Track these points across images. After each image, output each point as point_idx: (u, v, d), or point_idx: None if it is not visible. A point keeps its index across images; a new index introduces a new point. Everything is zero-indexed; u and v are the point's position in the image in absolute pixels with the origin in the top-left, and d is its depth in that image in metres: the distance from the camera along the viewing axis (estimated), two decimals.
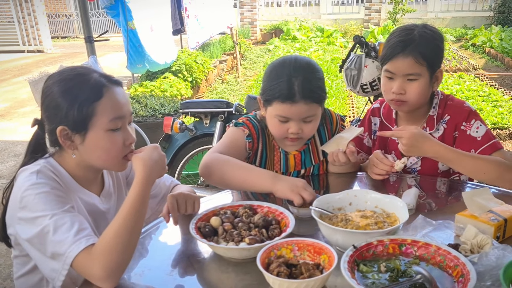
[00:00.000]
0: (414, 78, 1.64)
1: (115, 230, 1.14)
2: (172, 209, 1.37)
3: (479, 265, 1.06)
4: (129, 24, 5.07)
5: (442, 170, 1.74)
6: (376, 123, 1.91)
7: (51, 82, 1.28)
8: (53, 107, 1.26)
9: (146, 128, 3.73)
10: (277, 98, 1.56)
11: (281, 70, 1.57)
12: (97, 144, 1.27)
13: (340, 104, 6.25)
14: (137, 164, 1.25)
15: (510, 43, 9.67)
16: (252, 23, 13.05)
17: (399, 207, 1.28)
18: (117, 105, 1.28)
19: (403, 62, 1.62)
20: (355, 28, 13.00)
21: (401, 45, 1.62)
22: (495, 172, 1.53)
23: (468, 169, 1.56)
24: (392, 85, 1.67)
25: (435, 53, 1.65)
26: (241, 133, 1.68)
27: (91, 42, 4.15)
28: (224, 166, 1.56)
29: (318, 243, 1.14)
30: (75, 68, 1.32)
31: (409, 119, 1.79)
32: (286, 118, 1.58)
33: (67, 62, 10.09)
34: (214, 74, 8.02)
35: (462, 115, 1.70)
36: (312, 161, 1.78)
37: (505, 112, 5.64)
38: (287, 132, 1.60)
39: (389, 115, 1.85)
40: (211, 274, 1.21)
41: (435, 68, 1.66)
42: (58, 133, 1.26)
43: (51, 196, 1.19)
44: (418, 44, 1.61)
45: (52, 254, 1.14)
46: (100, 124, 1.26)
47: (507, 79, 7.73)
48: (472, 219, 1.25)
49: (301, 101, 1.54)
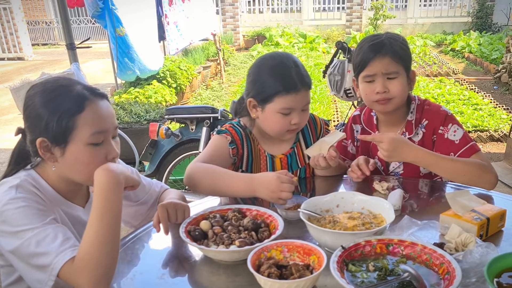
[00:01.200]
0: (393, 76, 1.69)
1: (92, 239, 1.12)
2: (162, 218, 1.36)
3: (464, 263, 1.09)
4: (117, 31, 5.04)
5: (424, 173, 1.78)
6: (358, 130, 1.95)
7: (33, 92, 1.26)
8: (33, 118, 1.24)
9: (131, 134, 3.72)
10: (280, 92, 1.59)
11: (277, 65, 1.61)
12: (77, 157, 1.24)
13: (324, 109, 6.32)
14: (96, 173, 1.21)
15: (488, 48, 9.90)
16: (234, 30, 13.09)
17: (385, 208, 1.31)
18: (99, 119, 1.25)
19: (381, 62, 1.68)
20: (337, 34, 13.15)
21: (375, 48, 1.69)
22: (474, 173, 1.57)
23: (448, 172, 1.60)
24: (373, 87, 1.71)
25: (406, 54, 1.73)
26: (224, 140, 1.69)
27: (73, 49, 4.12)
28: (206, 175, 1.56)
29: (307, 244, 1.16)
30: (58, 79, 1.30)
31: (389, 124, 1.83)
32: (290, 109, 1.62)
33: (48, 69, 9.95)
34: (198, 80, 8.01)
35: (439, 119, 1.74)
36: (299, 164, 1.80)
37: (485, 115, 5.77)
38: (290, 124, 1.64)
39: (369, 121, 1.89)
40: (202, 276, 1.22)
41: (409, 68, 1.73)
42: (38, 144, 1.23)
43: (31, 210, 1.17)
44: (390, 45, 1.69)
45: (37, 265, 1.13)
46: (80, 138, 1.22)
47: (486, 83, 7.91)
48: (456, 219, 1.28)
49: (302, 89, 1.61)
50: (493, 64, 8.71)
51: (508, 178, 4.08)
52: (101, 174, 1.20)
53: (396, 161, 1.76)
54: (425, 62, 9.55)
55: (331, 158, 1.61)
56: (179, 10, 7.06)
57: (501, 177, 4.09)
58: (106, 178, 1.19)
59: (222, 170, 1.58)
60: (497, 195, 1.56)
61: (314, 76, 8.07)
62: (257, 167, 1.77)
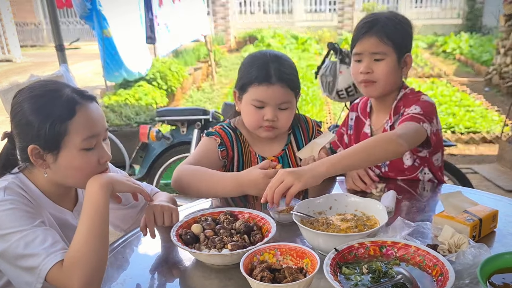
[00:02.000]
0: (380, 57, 1.67)
1: (82, 240, 1.12)
2: (148, 221, 1.35)
3: (457, 264, 1.09)
4: (105, 32, 5.01)
5: (407, 164, 1.77)
6: (352, 118, 1.94)
7: (21, 99, 1.23)
8: (23, 125, 1.22)
9: (121, 137, 3.68)
10: (253, 81, 1.58)
11: (258, 57, 1.62)
12: (70, 163, 1.23)
13: (317, 111, 6.32)
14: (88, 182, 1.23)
15: (479, 50, 9.98)
16: (225, 31, 13.08)
17: (378, 209, 1.30)
18: (90, 123, 1.23)
19: (368, 41, 1.67)
20: (328, 35, 13.19)
21: (366, 26, 1.68)
22: (378, 148, 1.44)
23: (356, 160, 1.44)
24: (360, 67, 1.70)
25: (401, 35, 1.68)
26: (213, 142, 1.67)
27: (62, 51, 4.06)
28: (194, 177, 1.54)
29: (301, 247, 1.15)
30: (46, 84, 1.27)
31: (380, 110, 1.81)
32: (262, 102, 1.59)
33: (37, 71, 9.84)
34: (189, 82, 7.99)
35: (408, 102, 1.69)
36: (290, 166, 1.79)
37: (477, 117, 5.80)
38: (263, 120, 1.60)
39: (364, 109, 1.89)
40: (194, 281, 1.20)
41: (403, 50, 1.69)
42: (30, 152, 1.21)
43: (19, 213, 1.16)
44: (384, 25, 1.65)
45: (25, 267, 1.11)
46: (73, 143, 1.21)
47: (477, 85, 7.98)
48: (448, 220, 1.28)
49: (277, 84, 1.56)
50: (484, 65, 8.79)
51: (501, 180, 4.12)
52: (93, 182, 1.22)
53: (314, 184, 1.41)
54: (417, 63, 9.62)
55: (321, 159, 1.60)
56: (169, 10, 7.02)
57: (493, 179, 4.13)
58: (98, 185, 1.20)
59: (209, 171, 1.55)
60: (489, 196, 1.57)
61: (306, 77, 8.07)
62: (248, 168, 1.75)
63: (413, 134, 1.53)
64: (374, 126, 1.84)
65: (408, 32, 1.72)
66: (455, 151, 4.99)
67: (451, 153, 4.92)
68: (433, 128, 1.61)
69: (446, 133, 5.41)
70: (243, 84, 1.62)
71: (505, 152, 4.39)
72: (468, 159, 4.83)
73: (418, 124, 1.56)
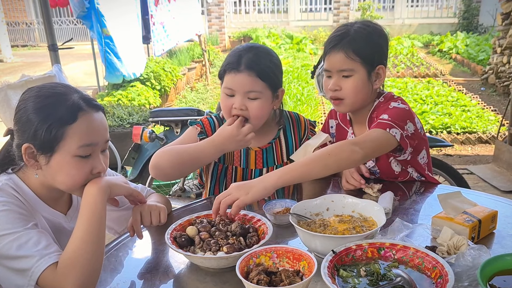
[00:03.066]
0: (348, 74, 1.62)
1: (78, 241, 1.12)
2: (134, 222, 1.34)
3: (456, 266, 1.08)
4: (104, 31, 4.95)
5: (397, 171, 1.74)
6: (332, 126, 1.92)
7: (27, 96, 1.23)
8: (23, 122, 1.21)
9: (114, 138, 3.62)
10: (225, 69, 1.61)
11: (237, 48, 1.65)
12: (62, 168, 1.21)
13: (312, 111, 6.30)
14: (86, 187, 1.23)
15: (475, 49, 10.00)
16: (220, 30, 13.04)
17: (376, 211, 1.29)
18: (90, 132, 1.22)
19: (334, 57, 1.62)
20: (324, 35, 13.17)
21: (334, 40, 1.63)
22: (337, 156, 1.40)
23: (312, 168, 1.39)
24: (329, 83, 1.66)
25: (371, 48, 1.61)
26: (194, 131, 1.72)
27: (55, 51, 4.02)
28: (171, 157, 1.57)
29: (297, 249, 1.13)
30: (56, 86, 1.26)
31: (358, 122, 1.78)
32: (231, 90, 1.59)
33: (28, 71, 9.75)
34: (183, 82, 7.95)
35: (380, 113, 1.62)
36: (275, 160, 1.77)
37: (473, 117, 5.81)
38: (232, 108, 1.60)
39: (344, 117, 1.85)
40: (189, 285, 1.18)
41: (374, 64, 1.63)
42: (23, 150, 1.20)
43: (12, 215, 1.14)
44: (351, 39, 1.59)
45: (17, 269, 1.09)
46: (68, 149, 1.19)
47: (473, 84, 8.02)
48: (447, 221, 1.27)
49: (245, 71, 1.56)
50: (480, 65, 8.81)
51: (497, 180, 4.11)
52: (91, 184, 1.22)
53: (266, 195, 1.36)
54: (413, 63, 9.64)
55: None
56: (165, 10, 6.99)
57: (489, 179, 4.12)
58: (96, 188, 1.21)
59: (184, 146, 1.60)
60: (488, 197, 1.56)
61: (301, 77, 8.07)
62: (230, 158, 1.75)
63: (373, 140, 1.49)
64: (357, 135, 1.79)
65: (379, 44, 1.65)
66: (451, 151, 4.99)
67: (447, 154, 4.93)
68: (408, 132, 1.56)
69: (442, 133, 5.41)
70: (220, 74, 1.66)
71: (501, 152, 4.38)
72: (464, 159, 4.83)
73: (384, 130, 1.51)
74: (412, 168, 1.75)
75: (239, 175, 1.75)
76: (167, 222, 1.41)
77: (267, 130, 1.74)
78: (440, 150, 4.83)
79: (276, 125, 1.78)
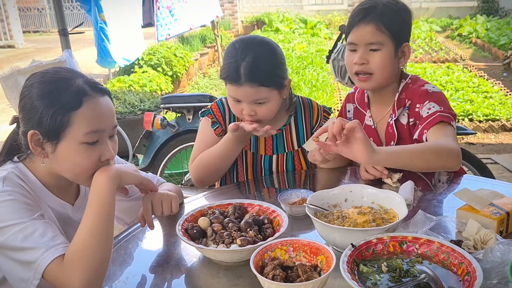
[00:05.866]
0: (376, 48, 1.57)
1: (86, 233, 1.08)
2: (145, 211, 1.31)
3: (484, 262, 1.02)
4: (101, 16, 4.90)
5: None
6: (350, 110, 1.85)
7: (31, 83, 1.19)
8: (28, 109, 1.17)
9: (125, 125, 3.61)
10: (225, 79, 1.58)
11: (231, 51, 1.58)
12: (68, 156, 1.17)
13: (327, 97, 6.17)
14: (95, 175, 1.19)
15: (496, 33, 9.64)
16: (233, 15, 12.88)
17: (397, 202, 1.23)
18: (96, 117, 1.18)
19: (364, 29, 1.57)
20: (338, 19, 12.94)
21: (362, 12, 1.58)
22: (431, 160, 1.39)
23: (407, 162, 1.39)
24: (354, 57, 1.61)
25: (399, 24, 1.59)
26: (207, 123, 1.72)
27: (65, 35, 4.00)
28: (202, 168, 1.65)
29: (315, 243, 1.09)
30: (60, 71, 1.23)
31: (378, 103, 1.72)
32: (237, 99, 1.58)
33: (39, 57, 9.75)
34: (195, 67, 7.89)
35: (417, 96, 1.61)
36: (285, 147, 1.74)
37: (496, 104, 5.60)
38: (242, 113, 1.60)
39: (362, 100, 1.79)
40: (201, 279, 1.14)
41: (401, 41, 1.60)
42: (29, 137, 1.17)
43: (18, 204, 1.11)
44: (381, 12, 1.56)
45: (22, 262, 1.06)
46: (74, 136, 1.16)
47: (495, 70, 7.77)
48: (473, 214, 1.20)
49: (246, 84, 1.52)
50: (501, 50, 8.51)
51: None
52: (100, 173, 1.18)
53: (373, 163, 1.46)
54: (431, 48, 9.37)
55: (327, 151, 1.51)
56: None
57: None
58: (105, 177, 1.17)
59: (210, 152, 1.64)
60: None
61: (316, 62, 7.92)
62: None
63: (454, 137, 1.50)
64: (375, 118, 1.74)
65: (407, 21, 1.63)
66: (473, 139, 4.84)
67: (469, 142, 4.78)
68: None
69: (463, 120, 5.24)
70: (221, 78, 1.61)
71: None
72: (487, 148, 4.66)
73: (451, 127, 1.52)
74: None
75: (249, 160, 1.74)
76: (179, 212, 1.37)
77: (277, 117, 1.70)
78: (462, 138, 4.70)
79: (286, 112, 1.74)
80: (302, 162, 1.76)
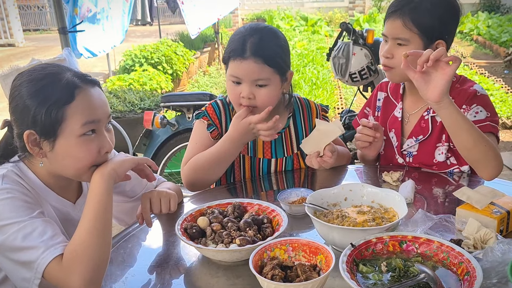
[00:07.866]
0: (402, 43, 1.56)
1: (85, 232, 1.08)
2: (143, 209, 1.31)
3: (484, 261, 1.02)
4: (75, 10, 4.82)
5: (439, 160, 1.64)
6: (380, 98, 1.82)
7: (19, 82, 1.18)
8: (20, 110, 1.16)
9: (125, 124, 3.58)
10: (230, 56, 1.54)
11: (239, 31, 1.57)
12: (68, 151, 1.16)
13: (328, 95, 6.15)
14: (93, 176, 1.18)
15: (497, 30, 9.60)
16: (233, 12, 12.84)
17: (397, 201, 1.22)
18: (90, 108, 1.17)
19: (392, 23, 1.56)
20: (339, 16, 12.90)
21: (395, 5, 1.57)
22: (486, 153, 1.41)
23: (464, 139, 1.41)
24: (384, 48, 1.61)
25: (431, 21, 1.53)
26: (202, 125, 1.67)
27: (65, 34, 3.98)
28: (198, 170, 1.57)
29: (314, 242, 1.08)
30: (46, 67, 1.21)
31: (414, 95, 1.67)
32: (238, 78, 1.53)
33: (40, 56, 9.74)
34: (195, 66, 7.88)
35: (464, 97, 1.57)
36: (285, 152, 1.71)
37: (496, 101, 5.56)
38: (240, 97, 1.54)
39: (395, 90, 1.76)
40: (200, 279, 1.14)
41: (433, 38, 1.55)
42: (26, 138, 1.15)
43: (17, 202, 1.11)
44: (413, 7, 1.53)
45: (22, 262, 1.06)
46: (71, 130, 1.15)
47: (496, 67, 7.73)
48: (473, 212, 1.20)
49: (250, 58, 1.49)
50: (502, 47, 8.47)
51: None
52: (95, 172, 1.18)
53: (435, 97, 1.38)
54: None
55: (325, 161, 1.53)
56: None
57: None
58: (99, 175, 1.16)
59: (207, 154, 1.57)
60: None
61: (316, 60, 7.89)
62: None
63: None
64: (408, 110, 1.71)
65: (444, 17, 1.55)
66: None
67: None
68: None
69: None
70: (223, 59, 1.59)
71: None
72: None
73: (497, 138, 1.56)
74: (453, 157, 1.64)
75: (247, 163, 1.70)
76: (178, 211, 1.37)
77: (277, 113, 1.66)
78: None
79: (285, 110, 1.71)
80: (301, 164, 1.73)
